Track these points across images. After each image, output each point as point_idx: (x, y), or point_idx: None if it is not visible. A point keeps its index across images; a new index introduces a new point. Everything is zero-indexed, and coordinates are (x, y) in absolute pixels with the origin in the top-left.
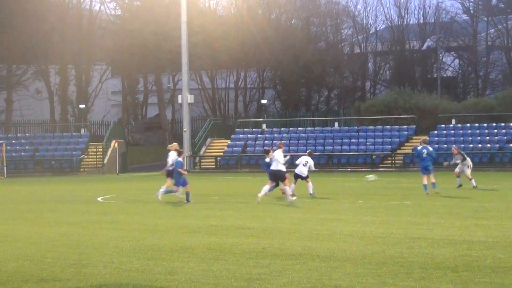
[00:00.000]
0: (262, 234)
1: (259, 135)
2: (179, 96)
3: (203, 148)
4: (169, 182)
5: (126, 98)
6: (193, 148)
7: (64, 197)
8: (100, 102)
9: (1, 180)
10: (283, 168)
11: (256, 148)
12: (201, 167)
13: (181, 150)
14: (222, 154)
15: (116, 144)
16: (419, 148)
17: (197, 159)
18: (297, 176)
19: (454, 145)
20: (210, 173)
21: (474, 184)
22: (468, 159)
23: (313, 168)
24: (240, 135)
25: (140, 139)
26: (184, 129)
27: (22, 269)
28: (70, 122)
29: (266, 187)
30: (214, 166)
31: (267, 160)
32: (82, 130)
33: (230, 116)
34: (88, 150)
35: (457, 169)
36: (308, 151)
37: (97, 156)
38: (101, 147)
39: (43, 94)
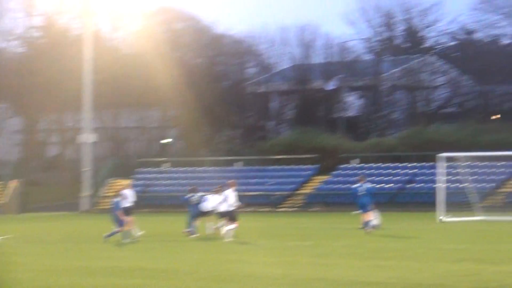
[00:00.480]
0: (160, 275)
1: (161, 175)
2: (81, 135)
3: (103, 188)
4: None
5: (27, 137)
6: (95, 187)
7: None
8: (1, 141)
9: None
10: (233, 207)
11: (158, 187)
12: (101, 207)
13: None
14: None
15: (17, 183)
16: (354, 186)
17: (97, 199)
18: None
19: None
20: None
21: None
22: None
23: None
24: (142, 175)
25: (41, 178)
26: (85, 169)
27: None
28: None
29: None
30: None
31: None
32: None
33: (132, 155)
34: None
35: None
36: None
37: None
38: (1, 186)
39: None
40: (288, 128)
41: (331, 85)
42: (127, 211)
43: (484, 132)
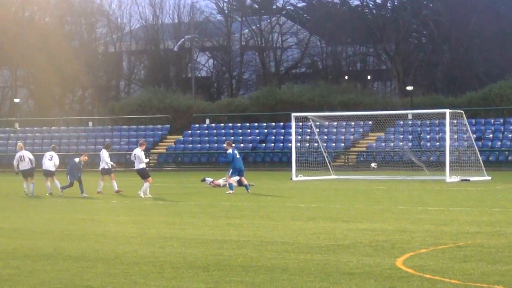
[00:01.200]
0: (13, 234)
1: (11, 135)
2: None
3: None
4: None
5: None
6: None
7: None
8: None
9: None
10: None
11: (9, 147)
12: None
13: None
14: None
15: None
16: (230, 151)
17: None
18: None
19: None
20: None
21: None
22: None
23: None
24: None
25: None
26: None
27: None
28: None
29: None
30: None
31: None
32: None
33: None
34: None
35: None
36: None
37: None
38: None
39: None
40: (140, 88)
41: (177, 46)
42: None
43: (335, 93)
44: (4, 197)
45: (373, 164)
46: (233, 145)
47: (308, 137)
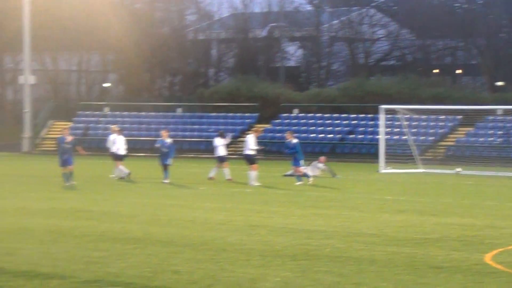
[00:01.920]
0: (102, 218)
1: (101, 118)
2: (21, 77)
3: (45, 130)
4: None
5: None
6: (35, 130)
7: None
8: None
9: None
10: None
11: (98, 131)
12: (42, 149)
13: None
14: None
15: None
16: (295, 140)
17: (38, 141)
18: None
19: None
20: (51, 155)
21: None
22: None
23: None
24: (82, 118)
25: None
26: (25, 110)
27: None
28: None
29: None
30: (55, 148)
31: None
32: None
33: (72, 98)
34: None
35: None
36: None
37: None
38: None
39: None
40: (229, 76)
41: (266, 31)
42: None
43: (424, 86)
44: (93, 180)
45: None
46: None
47: (397, 129)
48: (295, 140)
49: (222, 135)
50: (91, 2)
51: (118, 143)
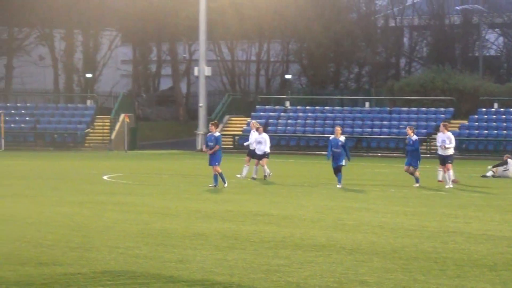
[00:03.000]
0: (283, 222)
1: (281, 113)
2: (196, 68)
3: (220, 126)
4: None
5: (137, 68)
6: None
7: (67, 174)
8: (109, 72)
9: None
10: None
11: (278, 127)
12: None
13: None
14: (240, 132)
15: (127, 118)
16: (415, 138)
17: None
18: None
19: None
20: (226, 153)
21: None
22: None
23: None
24: (261, 113)
25: (151, 114)
26: (200, 104)
27: (20, 251)
28: (75, 92)
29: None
30: (231, 146)
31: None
32: (88, 102)
33: (250, 91)
34: (94, 123)
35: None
36: None
37: (104, 131)
38: (108, 121)
39: (46, 61)
40: (422, 66)
41: (460, 15)
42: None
43: None
44: (272, 180)
45: None
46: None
47: None
48: (415, 137)
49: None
50: None
51: (261, 141)
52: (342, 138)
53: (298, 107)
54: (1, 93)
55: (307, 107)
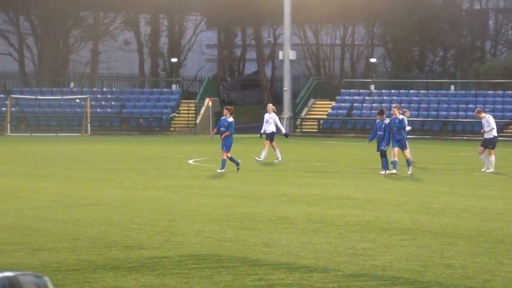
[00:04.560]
0: (368, 206)
1: (366, 97)
2: (280, 52)
3: (305, 110)
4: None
5: (222, 52)
6: (294, 110)
7: (153, 158)
8: (194, 56)
9: (84, 138)
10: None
11: (363, 111)
12: (302, 130)
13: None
14: (325, 116)
15: (210, 102)
16: (401, 117)
17: (298, 121)
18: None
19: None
20: (311, 137)
21: None
22: None
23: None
24: (346, 97)
25: (236, 98)
26: (285, 88)
27: (106, 234)
28: (160, 77)
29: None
30: (316, 130)
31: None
32: (174, 86)
33: (335, 75)
34: (180, 108)
35: None
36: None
37: (189, 115)
38: (193, 105)
39: (132, 45)
40: (508, 49)
41: None
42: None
43: None
44: (357, 164)
45: None
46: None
47: None
48: (401, 116)
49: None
50: None
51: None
52: (386, 121)
53: (383, 90)
54: (88, 78)
55: (392, 90)
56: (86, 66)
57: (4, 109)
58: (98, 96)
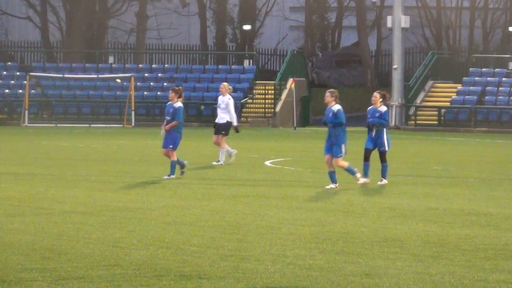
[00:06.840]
0: (504, 224)
1: (503, 79)
2: (389, 18)
3: (421, 95)
4: None
5: (311, 17)
6: (406, 95)
7: (215, 157)
8: (273, 23)
9: (127, 130)
10: None
11: (499, 97)
12: (417, 122)
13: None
14: (448, 104)
15: (294, 84)
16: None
17: (412, 110)
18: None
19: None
20: (430, 132)
21: None
22: None
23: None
24: (476, 78)
25: (329, 78)
26: (394, 66)
27: (155, 259)
28: (229, 50)
29: None
30: (436, 122)
31: None
32: (246, 62)
33: (462, 49)
34: (254, 91)
35: None
36: None
37: (266, 101)
38: (272, 87)
39: (191, 7)
40: None
41: None
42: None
43: None
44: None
45: None
46: None
47: None
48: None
49: None
50: None
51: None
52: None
53: None
54: (132, 50)
55: None
56: (130, 35)
57: (21, 91)
58: (146, 75)
